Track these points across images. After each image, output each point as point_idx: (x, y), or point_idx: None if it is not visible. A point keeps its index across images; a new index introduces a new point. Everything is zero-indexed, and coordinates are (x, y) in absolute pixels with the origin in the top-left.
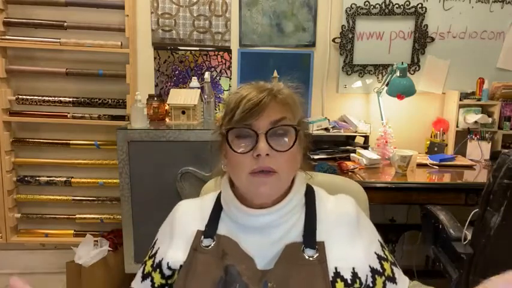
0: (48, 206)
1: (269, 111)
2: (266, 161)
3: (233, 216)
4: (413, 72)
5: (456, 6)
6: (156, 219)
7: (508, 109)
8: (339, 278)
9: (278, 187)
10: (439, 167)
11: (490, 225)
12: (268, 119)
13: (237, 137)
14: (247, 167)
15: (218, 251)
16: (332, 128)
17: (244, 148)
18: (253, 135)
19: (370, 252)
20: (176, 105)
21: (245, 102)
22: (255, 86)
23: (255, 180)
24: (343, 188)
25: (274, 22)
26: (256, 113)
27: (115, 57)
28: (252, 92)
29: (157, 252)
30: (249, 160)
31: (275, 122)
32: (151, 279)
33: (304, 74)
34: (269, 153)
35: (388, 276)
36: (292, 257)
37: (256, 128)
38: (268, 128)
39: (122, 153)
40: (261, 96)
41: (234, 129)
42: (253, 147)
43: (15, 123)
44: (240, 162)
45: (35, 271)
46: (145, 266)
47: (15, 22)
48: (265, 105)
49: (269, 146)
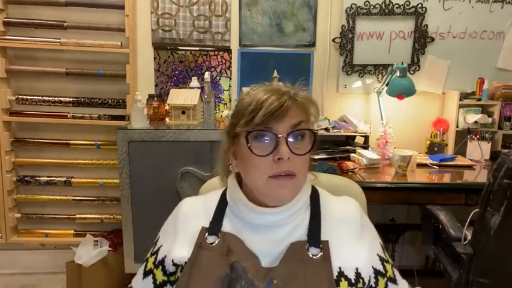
0: (48, 206)
1: (290, 115)
2: (287, 165)
3: (239, 214)
4: (413, 72)
5: (456, 6)
6: (156, 219)
7: (508, 109)
8: (343, 277)
9: (297, 190)
10: (439, 167)
11: (490, 225)
12: (289, 122)
13: (255, 139)
14: (267, 170)
15: (223, 247)
16: (332, 128)
17: (265, 151)
18: (274, 138)
19: (372, 254)
20: (176, 105)
21: (268, 105)
22: (270, 89)
23: (275, 183)
24: (342, 188)
25: (274, 22)
26: (279, 116)
27: (115, 57)
28: (272, 96)
29: (160, 249)
30: (269, 163)
31: (295, 126)
32: (153, 276)
33: (304, 74)
34: (290, 156)
35: (390, 277)
36: (296, 255)
37: (277, 131)
38: (289, 131)
39: (122, 153)
40: (283, 100)
41: (254, 132)
42: (274, 150)
43: (15, 123)
44: (258, 165)
45: (35, 271)
46: (147, 263)
47: (15, 22)
48: (287, 108)
49: (289, 150)
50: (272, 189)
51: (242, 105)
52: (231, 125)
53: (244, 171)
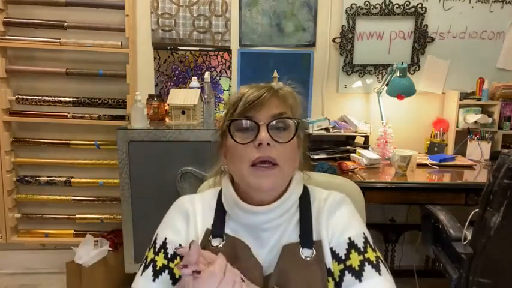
0: (48, 206)
1: (270, 105)
2: (267, 151)
3: (235, 217)
4: (413, 72)
5: (456, 6)
6: (156, 219)
7: (508, 109)
8: (330, 276)
9: (280, 180)
10: (439, 167)
11: (490, 225)
12: (269, 112)
13: (239, 130)
14: (248, 158)
15: (229, 252)
16: (332, 128)
17: (246, 139)
18: (255, 127)
19: (341, 235)
20: (176, 105)
21: (247, 96)
22: (256, 85)
23: (257, 172)
24: (341, 188)
25: (274, 22)
26: (257, 105)
27: (115, 57)
28: (253, 89)
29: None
30: (250, 150)
31: (275, 116)
32: (170, 271)
33: (304, 74)
34: (270, 142)
35: (351, 267)
36: (290, 258)
37: (258, 120)
38: (269, 120)
39: (122, 153)
40: (262, 91)
41: (236, 121)
42: (255, 137)
43: (15, 123)
44: (241, 154)
45: (35, 271)
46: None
47: (15, 22)
48: (265, 99)
49: (270, 136)
50: (254, 179)
51: (229, 102)
52: (221, 123)
53: (232, 166)
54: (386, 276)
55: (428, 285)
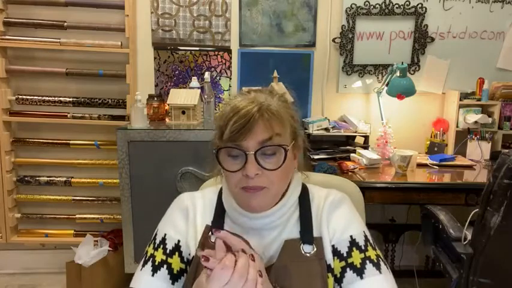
0: (48, 206)
1: (257, 130)
2: (255, 180)
3: (233, 218)
4: (413, 72)
5: (456, 6)
6: (156, 219)
7: (508, 109)
8: (330, 272)
9: (269, 200)
10: (439, 167)
11: (490, 225)
12: (256, 139)
13: (228, 154)
14: (238, 183)
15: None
16: (332, 128)
17: (235, 167)
18: (243, 155)
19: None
20: (176, 105)
21: (232, 123)
22: (245, 101)
23: (245, 194)
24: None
25: (274, 22)
26: (243, 134)
27: (115, 57)
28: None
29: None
30: (240, 177)
31: (263, 142)
32: (168, 266)
33: (304, 74)
34: (258, 172)
35: (353, 265)
36: (291, 253)
37: (245, 148)
38: (257, 148)
39: (121, 153)
40: (249, 116)
41: (223, 149)
42: (243, 166)
43: (15, 123)
44: (231, 178)
45: (35, 271)
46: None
47: (15, 22)
48: (251, 125)
49: (258, 165)
50: (243, 200)
51: (221, 113)
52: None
53: (225, 179)
54: (387, 274)
55: (428, 285)
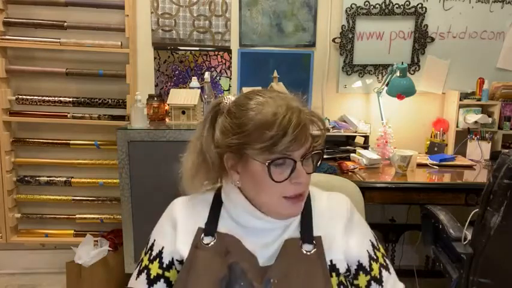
0: (48, 206)
1: (306, 138)
2: (303, 186)
3: (236, 217)
4: (413, 72)
5: (456, 6)
6: (156, 219)
7: (508, 109)
8: (334, 271)
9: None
10: (439, 167)
11: (490, 225)
12: (305, 146)
13: (275, 165)
14: (282, 192)
15: (220, 248)
16: (332, 128)
17: (282, 176)
18: (291, 163)
19: (362, 249)
20: (176, 105)
21: (292, 131)
22: (280, 104)
23: (288, 203)
24: (340, 189)
25: (274, 22)
26: (299, 145)
27: (115, 57)
28: (289, 115)
29: (163, 251)
30: (285, 185)
31: (308, 148)
32: (166, 280)
33: (304, 74)
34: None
35: (375, 277)
36: (291, 252)
37: (296, 157)
38: (303, 154)
39: (121, 153)
40: (301, 126)
41: (276, 160)
42: (291, 174)
43: (15, 123)
44: (274, 187)
45: (35, 271)
46: (141, 262)
47: (15, 22)
48: (305, 135)
49: (305, 172)
50: (284, 208)
51: (253, 121)
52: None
53: (254, 191)
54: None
55: (428, 285)
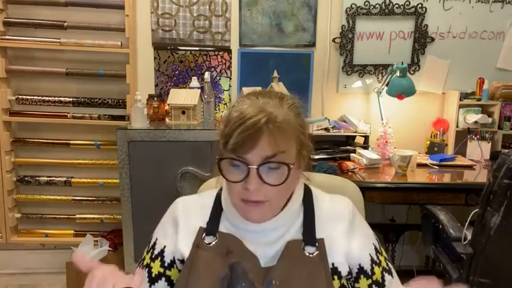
0: (48, 206)
1: (262, 145)
2: (256, 195)
3: (232, 220)
4: (413, 72)
5: (456, 6)
6: (156, 219)
7: (508, 109)
8: (336, 274)
9: (269, 213)
10: (439, 167)
11: (490, 225)
12: (260, 154)
13: (231, 164)
14: (238, 194)
15: (221, 248)
16: (332, 128)
17: (236, 177)
18: (245, 168)
19: (364, 253)
20: (176, 105)
21: (238, 134)
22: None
23: (245, 207)
24: (340, 189)
25: (274, 22)
26: (248, 147)
27: (115, 57)
28: (247, 118)
29: (165, 250)
30: (240, 188)
31: (267, 158)
32: (167, 279)
33: (304, 74)
34: (259, 187)
35: (377, 281)
36: (293, 254)
37: (248, 161)
38: (260, 162)
39: (121, 153)
40: (254, 130)
41: (226, 159)
42: (244, 178)
43: (15, 123)
44: (232, 188)
45: (35, 271)
46: (150, 269)
47: (15, 22)
48: (257, 139)
49: (261, 179)
50: (244, 212)
51: (227, 117)
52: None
53: (228, 191)
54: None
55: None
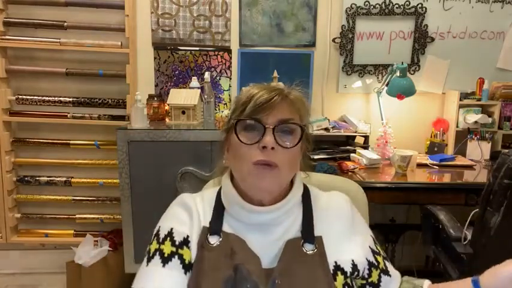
0: (48, 206)
1: (279, 109)
2: (270, 154)
3: (235, 214)
4: (413, 72)
5: (456, 6)
6: (156, 219)
7: (508, 109)
8: (339, 270)
9: (278, 182)
10: (439, 167)
11: (490, 225)
12: (278, 116)
13: (245, 129)
14: (251, 158)
15: (226, 248)
16: (332, 128)
17: (251, 139)
18: (261, 128)
19: (365, 246)
20: (176, 105)
21: (257, 98)
22: (266, 87)
23: (257, 171)
24: (342, 189)
25: (274, 22)
26: (267, 108)
27: (115, 57)
28: (263, 90)
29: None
30: (254, 151)
31: (284, 121)
32: (180, 257)
33: (304, 74)
34: (274, 146)
35: (382, 269)
36: (293, 253)
37: (265, 122)
38: (277, 124)
39: (121, 153)
40: (273, 94)
41: (242, 121)
42: (260, 139)
43: (15, 123)
44: (244, 153)
45: (35, 271)
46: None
47: (15, 22)
48: (275, 103)
49: (275, 140)
50: (254, 178)
51: (237, 100)
52: (227, 120)
53: (233, 162)
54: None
55: None
